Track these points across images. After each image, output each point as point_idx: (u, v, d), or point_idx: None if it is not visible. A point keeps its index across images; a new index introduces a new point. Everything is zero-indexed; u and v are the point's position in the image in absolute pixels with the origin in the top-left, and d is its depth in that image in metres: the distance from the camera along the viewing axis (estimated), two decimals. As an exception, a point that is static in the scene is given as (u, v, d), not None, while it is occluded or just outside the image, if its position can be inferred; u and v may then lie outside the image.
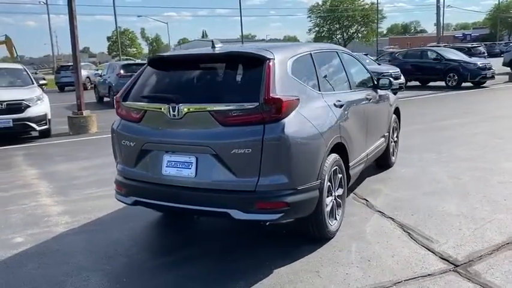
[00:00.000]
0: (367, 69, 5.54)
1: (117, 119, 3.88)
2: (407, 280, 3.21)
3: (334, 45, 4.97)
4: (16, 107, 9.25)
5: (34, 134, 10.04)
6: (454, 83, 17.95)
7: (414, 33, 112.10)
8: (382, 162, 6.11)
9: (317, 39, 69.49)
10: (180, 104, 3.35)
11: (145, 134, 3.59)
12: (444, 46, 26.64)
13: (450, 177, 5.62)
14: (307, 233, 3.79)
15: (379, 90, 5.52)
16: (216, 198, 3.32)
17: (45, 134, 9.93)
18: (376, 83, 5.46)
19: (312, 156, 3.48)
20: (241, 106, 3.23)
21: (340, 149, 4.03)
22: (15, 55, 45.30)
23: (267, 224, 3.57)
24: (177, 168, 3.45)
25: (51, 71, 46.84)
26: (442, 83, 18.54)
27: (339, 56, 4.68)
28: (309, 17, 70.05)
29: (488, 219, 4.21)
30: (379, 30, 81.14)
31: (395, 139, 6.36)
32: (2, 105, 9.11)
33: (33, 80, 10.75)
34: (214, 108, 3.28)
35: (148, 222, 4.49)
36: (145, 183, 3.62)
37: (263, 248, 3.82)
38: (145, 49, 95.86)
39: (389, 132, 5.90)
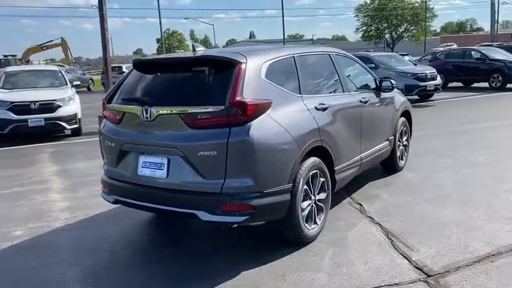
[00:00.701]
0: (369, 72, 5.43)
1: (104, 121, 4.05)
2: (373, 288, 3.15)
3: (327, 48, 4.89)
4: (48, 106, 9.76)
5: (67, 132, 10.54)
6: (498, 84, 17.09)
7: (470, 32, 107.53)
8: (388, 167, 5.97)
9: (365, 39, 68.23)
10: (153, 107, 3.46)
11: (124, 135, 3.73)
12: (497, 45, 25.29)
13: (456, 184, 5.41)
14: (283, 236, 3.79)
15: (382, 93, 5.40)
16: (184, 199, 3.40)
17: (76, 132, 10.41)
18: (378, 85, 5.35)
19: (282, 160, 3.47)
20: (208, 109, 3.29)
21: (322, 152, 4.00)
22: (70, 56, 47.64)
23: (234, 226, 3.61)
24: (151, 169, 3.56)
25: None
26: (486, 84, 17.71)
27: (331, 58, 4.62)
28: (356, 16, 68.80)
29: (480, 229, 4.03)
30: (432, 29, 78.59)
31: (405, 143, 6.18)
32: (34, 105, 9.64)
33: (67, 81, 11.28)
34: (183, 111, 3.36)
35: (140, 220, 4.62)
36: (124, 182, 3.76)
37: (240, 250, 3.86)
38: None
39: (395, 136, 5.74)
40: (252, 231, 4.23)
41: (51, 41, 47.46)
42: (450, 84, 18.69)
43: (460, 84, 19.04)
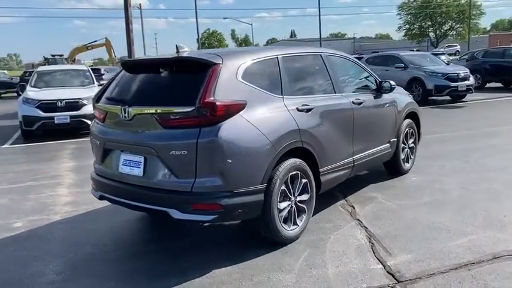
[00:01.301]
0: (370, 73, 5.33)
1: (94, 119, 4.21)
2: (337, 292, 3.12)
3: (320, 49, 4.84)
4: (73, 105, 10.18)
5: (93, 129, 10.90)
6: (539, 85, 16.28)
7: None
8: (391, 169, 5.85)
9: (408, 38, 66.51)
10: (131, 107, 3.57)
11: (107, 133, 3.86)
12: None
13: (460, 188, 5.23)
14: (260, 236, 3.80)
15: (383, 95, 5.30)
16: (158, 197, 3.48)
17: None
18: (378, 86, 5.25)
19: (253, 160, 3.48)
20: (180, 109, 3.36)
21: (305, 153, 3.98)
22: (114, 56, 49.18)
23: (204, 224, 3.65)
24: (130, 167, 3.67)
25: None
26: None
27: (322, 59, 4.57)
28: (399, 14, 67.20)
29: (470, 236, 3.89)
30: (480, 26, 75.53)
31: (411, 145, 6.02)
32: (61, 103, 10.08)
33: (94, 80, 11.71)
34: (157, 111, 3.45)
35: (134, 217, 4.73)
36: (108, 179, 3.89)
37: (218, 248, 3.90)
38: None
39: (398, 138, 5.61)
40: (234, 231, 4.27)
41: (96, 41, 49.18)
42: (488, 85, 17.96)
43: (499, 84, 18.25)
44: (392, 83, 5.26)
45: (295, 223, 3.92)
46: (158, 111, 3.44)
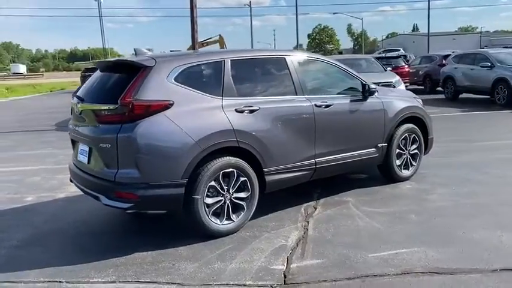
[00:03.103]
0: (355, 77, 5.21)
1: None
2: (218, 285, 3.30)
3: (286, 52, 4.84)
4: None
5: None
6: None
7: None
8: (385, 175, 5.65)
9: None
10: (80, 103, 4.11)
11: (71, 126, 4.45)
12: None
13: (447, 201, 4.90)
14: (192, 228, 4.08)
15: (370, 98, 5.17)
16: (94, 183, 3.97)
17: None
18: (362, 90, 5.12)
19: (172, 156, 3.76)
20: (108, 107, 3.80)
21: (246, 152, 4.15)
22: (226, 52, 51.63)
23: (128, 211, 4.02)
24: (83, 155, 4.21)
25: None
26: None
27: (286, 62, 4.63)
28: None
29: (399, 249, 3.71)
30: None
31: (414, 152, 5.72)
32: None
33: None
34: (93, 108, 3.93)
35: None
36: (74, 166, 4.48)
37: (151, 236, 4.24)
38: (349, 45, 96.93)
39: (390, 143, 5.40)
40: (178, 221, 4.57)
41: (211, 37, 52.12)
42: None
43: None
44: (372, 86, 5.10)
45: (229, 218, 4.13)
46: (94, 108, 3.92)
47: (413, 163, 5.77)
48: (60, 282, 3.42)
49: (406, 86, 18.17)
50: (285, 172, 4.47)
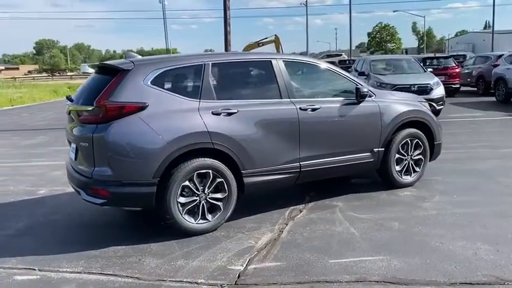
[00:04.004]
0: (350, 80, 5.12)
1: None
2: (172, 281, 3.41)
3: (271, 55, 4.83)
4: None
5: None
6: None
7: None
8: (384, 181, 5.51)
9: None
10: (69, 104, 4.39)
11: (66, 126, 4.75)
12: None
13: (439, 209, 4.71)
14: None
15: (365, 102, 5.06)
16: (77, 179, 4.22)
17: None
18: (355, 93, 5.03)
19: (143, 156, 3.91)
20: (86, 108, 4.04)
21: (223, 154, 4.23)
22: (281, 52, 51.86)
23: (103, 206, 4.21)
24: (72, 153, 4.48)
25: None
26: None
27: (271, 65, 4.64)
28: None
29: (364, 257, 3.65)
30: None
31: (417, 157, 5.51)
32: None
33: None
34: (77, 109, 4.19)
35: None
36: (68, 165, 4.78)
37: (130, 232, 4.45)
38: (414, 44, 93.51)
39: (388, 148, 5.25)
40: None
41: (266, 38, 52.48)
42: None
43: None
44: (364, 90, 4.99)
45: (204, 218, 4.23)
46: (78, 108, 4.18)
47: (417, 169, 5.57)
48: (33, 269, 3.69)
49: (457, 88, 17.46)
50: (266, 174, 4.50)
